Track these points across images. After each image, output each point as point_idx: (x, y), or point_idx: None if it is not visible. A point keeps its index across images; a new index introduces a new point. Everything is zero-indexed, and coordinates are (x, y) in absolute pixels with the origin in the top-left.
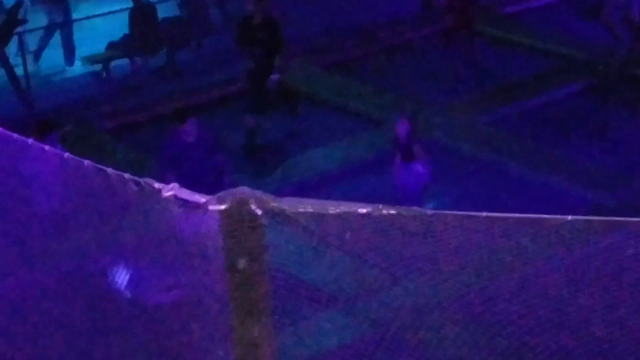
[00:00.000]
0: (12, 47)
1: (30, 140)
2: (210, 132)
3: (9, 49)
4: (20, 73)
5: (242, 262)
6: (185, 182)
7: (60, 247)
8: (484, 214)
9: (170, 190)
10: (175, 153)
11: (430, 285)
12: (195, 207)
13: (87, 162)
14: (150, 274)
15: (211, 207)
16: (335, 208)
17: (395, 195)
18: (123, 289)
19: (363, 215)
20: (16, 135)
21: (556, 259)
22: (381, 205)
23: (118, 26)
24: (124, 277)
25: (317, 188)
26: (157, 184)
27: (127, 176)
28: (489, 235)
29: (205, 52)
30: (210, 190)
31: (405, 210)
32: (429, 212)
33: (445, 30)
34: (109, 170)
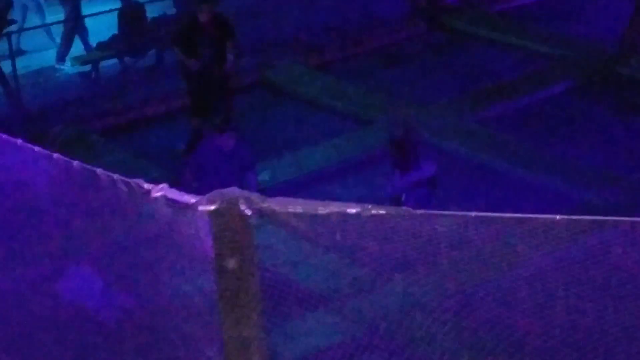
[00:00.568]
0: (2, 47)
1: (19, 141)
2: (247, 149)
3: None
4: (9, 73)
5: (232, 262)
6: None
7: (46, 248)
8: (473, 213)
9: (159, 190)
10: (204, 162)
11: (419, 285)
12: (185, 207)
13: (76, 163)
14: (138, 274)
15: (201, 207)
16: (325, 208)
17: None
18: (109, 289)
19: (352, 215)
20: (5, 135)
21: (545, 258)
22: (370, 205)
23: (107, 26)
24: (111, 278)
25: (305, 188)
26: (146, 185)
27: (116, 177)
28: (478, 234)
29: None
30: None
31: (394, 210)
32: (418, 212)
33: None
34: (99, 170)
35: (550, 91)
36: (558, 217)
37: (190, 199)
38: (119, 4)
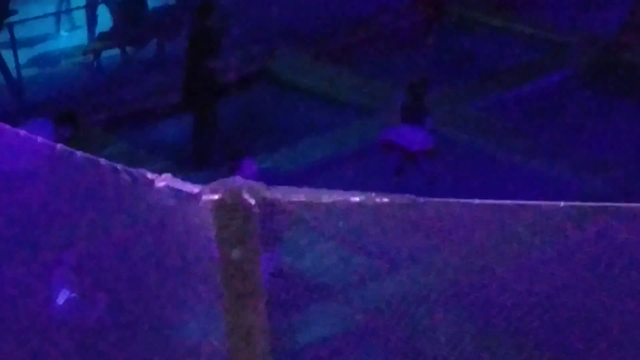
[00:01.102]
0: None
1: (22, 131)
2: None
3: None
4: (11, 63)
5: (235, 251)
6: None
7: (50, 238)
8: (477, 201)
9: (163, 180)
10: None
11: (423, 273)
12: (188, 197)
13: (79, 153)
14: (141, 264)
15: (204, 197)
16: (328, 197)
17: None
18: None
19: (356, 203)
20: (7, 125)
21: (549, 245)
22: (374, 193)
23: (108, 17)
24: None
25: (308, 178)
26: (149, 174)
27: (119, 167)
28: (482, 222)
29: None
30: None
31: (398, 198)
32: (421, 199)
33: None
34: (102, 160)
35: (550, 79)
36: (562, 204)
37: (194, 188)
38: None
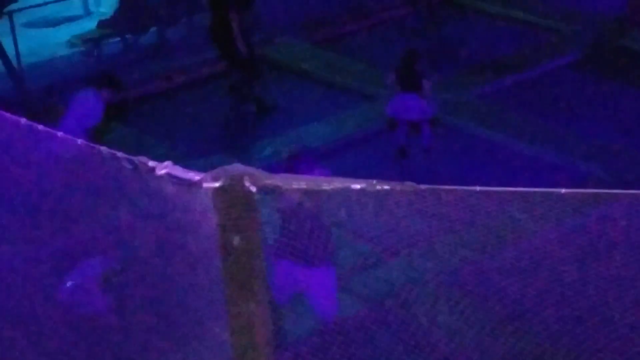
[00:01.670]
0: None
1: (23, 120)
2: None
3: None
4: (11, 51)
5: (236, 239)
6: None
7: (51, 226)
8: (477, 188)
9: (164, 168)
10: None
11: (424, 259)
12: (189, 184)
13: (80, 141)
14: (143, 253)
15: (205, 184)
16: (329, 184)
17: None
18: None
19: (357, 191)
20: (8, 114)
21: (550, 231)
22: (375, 180)
23: (108, 4)
24: (116, 256)
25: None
26: (150, 162)
27: (120, 154)
28: (483, 209)
29: (195, 29)
30: None
31: (399, 185)
32: (423, 186)
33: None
34: (103, 148)
35: (554, 64)
36: (563, 191)
37: (195, 176)
38: None
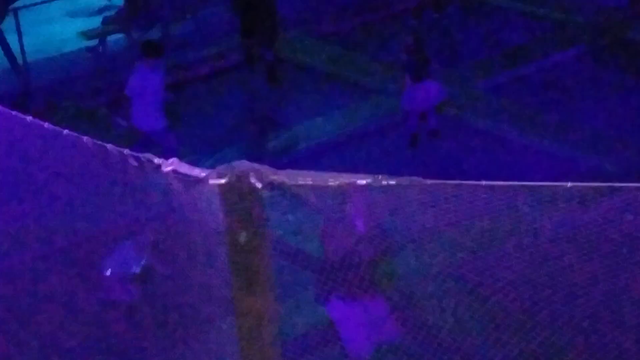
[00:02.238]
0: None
1: (29, 118)
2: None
3: (5, 25)
4: (16, 48)
5: (243, 235)
6: None
7: (59, 223)
8: (484, 182)
9: (170, 165)
10: None
11: (431, 254)
12: (195, 181)
13: (86, 139)
14: (150, 250)
15: (211, 181)
16: (335, 180)
17: (405, 119)
18: (122, 264)
19: (363, 186)
20: (14, 112)
21: (556, 225)
22: (381, 176)
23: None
24: (124, 252)
25: (314, 158)
26: (156, 159)
27: (126, 152)
28: (490, 203)
29: (200, 25)
30: None
31: (405, 180)
32: (429, 181)
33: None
34: (109, 146)
35: (560, 57)
36: (570, 185)
37: (201, 172)
38: None
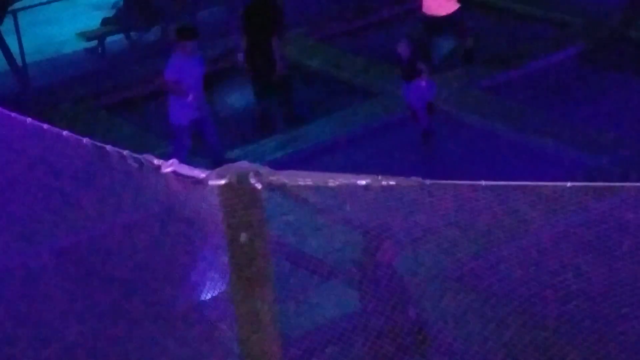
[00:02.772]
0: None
1: (29, 119)
2: None
3: (4, 26)
4: (15, 50)
5: (243, 235)
6: None
7: (60, 224)
8: (483, 182)
9: (169, 166)
10: None
11: (430, 254)
12: (195, 182)
13: (86, 140)
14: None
15: (211, 182)
16: (334, 180)
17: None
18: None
19: (362, 186)
20: (14, 114)
21: (555, 225)
22: (380, 176)
23: (111, 2)
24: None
25: (313, 159)
26: (156, 160)
27: (126, 153)
28: (488, 203)
29: (199, 27)
30: None
31: (404, 181)
32: (428, 181)
33: None
34: (109, 147)
35: (559, 56)
36: (569, 185)
37: (200, 173)
38: None
